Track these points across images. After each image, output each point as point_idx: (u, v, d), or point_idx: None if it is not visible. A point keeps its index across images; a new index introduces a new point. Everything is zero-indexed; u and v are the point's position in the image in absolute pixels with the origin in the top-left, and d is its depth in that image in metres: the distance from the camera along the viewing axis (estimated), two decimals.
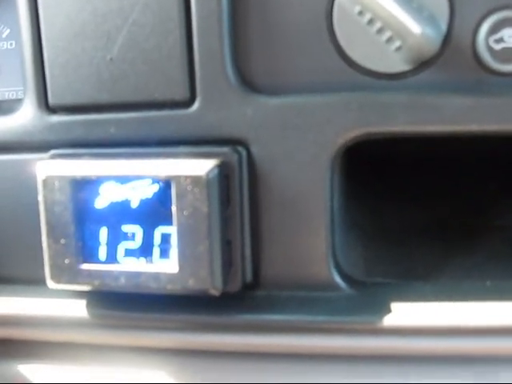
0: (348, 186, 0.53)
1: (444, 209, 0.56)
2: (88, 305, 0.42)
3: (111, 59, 0.40)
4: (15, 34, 0.52)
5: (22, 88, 0.52)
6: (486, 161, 0.57)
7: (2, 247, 0.44)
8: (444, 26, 0.39)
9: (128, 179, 0.38)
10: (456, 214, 0.55)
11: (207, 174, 0.37)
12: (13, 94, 0.53)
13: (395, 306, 0.40)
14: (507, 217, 0.55)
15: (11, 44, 0.53)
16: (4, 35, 0.54)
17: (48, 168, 0.39)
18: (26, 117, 0.42)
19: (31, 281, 0.43)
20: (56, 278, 0.40)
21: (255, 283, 0.41)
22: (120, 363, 0.43)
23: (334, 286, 0.40)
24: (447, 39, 0.39)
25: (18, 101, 0.45)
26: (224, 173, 0.39)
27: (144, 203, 0.39)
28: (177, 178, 0.37)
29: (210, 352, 0.42)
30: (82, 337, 0.42)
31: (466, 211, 0.55)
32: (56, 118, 0.42)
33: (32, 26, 0.41)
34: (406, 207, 0.55)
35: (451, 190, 0.57)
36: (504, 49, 0.38)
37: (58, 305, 0.42)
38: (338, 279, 0.40)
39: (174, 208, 0.37)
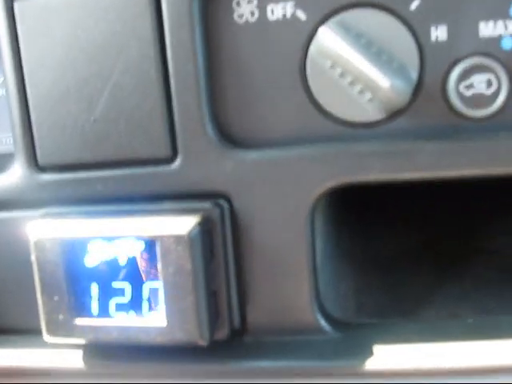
0: (338, 215, 0.54)
1: (433, 233, 0.57)
2: (83, 355, 0.43)
3: (94, 120, 0.42)
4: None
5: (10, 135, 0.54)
6: (474, 184, 0.58)
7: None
8: (414, 75, 0.40)
9: (114, 238, 0.40)
10: (445, 238, 0.56)
11: (189, 232, 0.38)
12: (9, 141, 0.55)
13: (379, 349, 0.41)
14: (495, 240, 0.56)
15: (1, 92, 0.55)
16: None
17: (38, 229, 0.41)
18: (16, 176, 0.44)
19: (29, 331, 0.45)
20: (52, 332, 0.42)
21: (243, 330, 0.43)
22: None
23: (320, 330, 0.42)
24: (418, 88, 0.40)
25: (9, 156, 0.47)
26: (206, 228, 0.40)
27: (131, 260, 0.40)
28: (160, 238, 0.39)
29: None
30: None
31: (455, 235, 0.56)
32: (46, 177, 0.43)
33: (18, 89, 0.43)
34: (396, 233, 0.56)
35: (440, 214, 0.58)
36: (474, 95, 0.39)
37: (54, 356, 0.44)
38: (323, 323, 0.42)
39: (159, 265, 0.39)
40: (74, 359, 0.44)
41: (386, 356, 0.41)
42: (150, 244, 0.39)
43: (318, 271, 0.42)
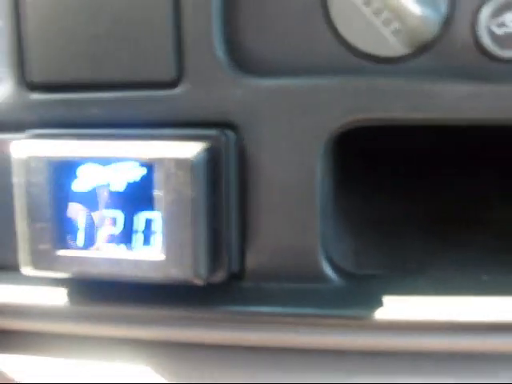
0: (338, 175, 0.52)
1: (437, 201, 0.54)
2: (66, 293, 0.40)
3: (95, 36, 0.38)
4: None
5: None
6: (480, 153, 0.56)
7: None
8: (444, 9, 0.37)
9: (109, 161, 0.36)
10: (449, 207, 0.54)
11: (194, 157, 0.35)
12: None
13: (386, 300, 0.38)
14: (500, 209, 0.53)
15: None
16: None
17: (25, 148, 0.37)
18: (3, 94, 0.40)
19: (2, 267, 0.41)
20: (31, 263, 0.38)
21: (242, 274, 0.39)
22: (98, 355, 0.41)
23: (325, 278, 0.39)
24: (447, 22, 0.37)
25: None
26: (211, 157, 0.37)
27: (126, 187, 0.37)
28: (161, 161, 0.35)
29: (193, 344, 0.40)
30: (59, 327, 0.40)
31: (458, 204, 0.54)
32: (35, 96, 0.40)
33: None
34: (397, 199, 0.54)
35: (444, 183, 0.56)
36: (506, 34, 0.37)
37: (32, 292, 0.40)
38: (328, 271, 0.39)
39: (157, 192, 0.35)
40: (54, 297, 0.40)
41: (393, 307, 0.38)
42: (149, 169, 0.36)
43: (326, 215, 0.39)
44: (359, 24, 0.37)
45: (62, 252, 0.37)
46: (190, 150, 0.35)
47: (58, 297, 0.40)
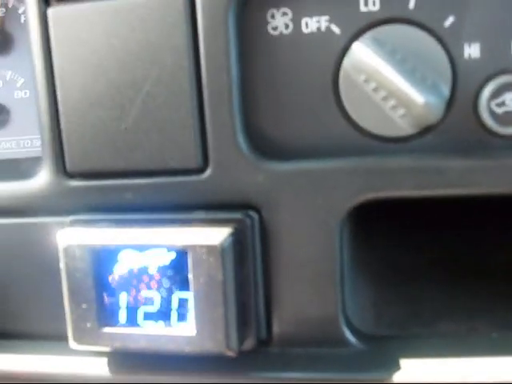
0: (357, 229, 0.54)
1: (449, 246, 0.57)
2: (109, 363, 0.44)
3: (126, 129, 0.42)
4: (29, 84, 0.54)
5: (37, 136, 0.54)
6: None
7: (25, 305, 0.46)
8: (447, 92, 0.40)
9: (145, 247, 0.40)
10: (462, 252, 0.56)
11: (222, 243, 0.39)
12: (28, 143, 0.55)
13: (405, 362, 0.41)
14: None
15: (25, 93, 0.55)
16: (18, 84, 0.55)
17: (68, 236, 0.41)
18: (44, 181, 0.44)
19: (55, 338, 0.45)
20: (78, 339, 0.42)
21: (269, 340, 0.43)
22: None
23: (345, 343, 0.42)
24: (450, 104, 0.40)
25: (36, 159, 0.47)
26: (237, 239, 0.40)
27: (161, 270, 0.40)
28: (192, 248, 0.39)
29: None
30: None
31: (472, 248, 0.56)
32: (74, 183, 0.43)
33: (49, 96, 0.43)
34: (412, 248, 0.57)
35: (457, 230, 0.58)
36: (506, 112, 0.40)
37: (80, 363, 0.44)
38: (348, 336, 0.42)
39: (190, 275, 0.39)
40: (99, 367, 0.44)
41: (411, 369, 0.41)
42: (181, 254, 0.39)
43: (344, 284, 0.42)
44: (369, 108, 0.40)
45: (105, 329, 0.41)
46: (217, 236, 0.39)
47: (101, 366, 0.44)
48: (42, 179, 0.44)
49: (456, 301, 0.51)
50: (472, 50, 0.40)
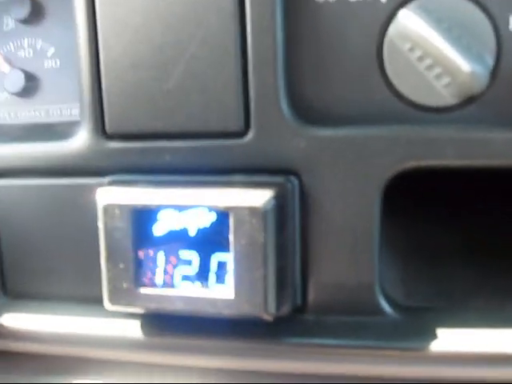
0: (388, 200, 0.54)
1: (481, 230, 0.57)
2: (142, 326, 0.43)
3: (167, 90, 0.42)
4: (60, 53, 0.54)
5: (66, 105, 0.54)
6: None
7: (61, 265, 0.46)
8: (491, 63, 0.40)
9: (186, 208, 0.40)
10: (493, 233, 0.56)
11: (264, 205, 0.39)
12: (57, 112, 0.55)
13: (439, 332, 0.41)
14: None
15: (56, 62, 0.55)
16: (49, 54, 0.55)
17: (107, 196, 0.41)
18: (83, 142, 0.44)
19: (87, 300, 0.45)
20: (114, 300, 0.41)
21: (304, 307, 0.43)
22: (171, 381, 0.45)
23: (381, 312, 0.42)
24: (494, 75, 0.40)
25: (72, 123, 0.47)
26: (279, 203, 0.40)
27: (201, 231, 0.40)
28: (235, 209, 0.39)
29: (259, 373, 0.43)
30: (137, 356, 0.44)
31: (502, 230, 0.56)
32: (113, 145, 0.43)
33: (91, 55, 0.43)
34: (442, 226, 0.57)
35: (486, 209, 0.58)
36: None
37: (113, 325, 0.44)
38: (384, 305, 0.42)
39: (231, 237, 0.39)
40: (134, 329, 0.43)
41: (447, 339, 0.41)
42: (222, 215, 0.39)
43: (382, 253, 0.42)
44: (412, 77, 0.40)
45: (141, 290, 0.41)
46: (260, 198, 0.39)
47: (136, 329, 0.44)
48: (81, 140, 0.44)
49: (486, 281, 0.51)
50: None
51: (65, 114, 0.54)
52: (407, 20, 0.39)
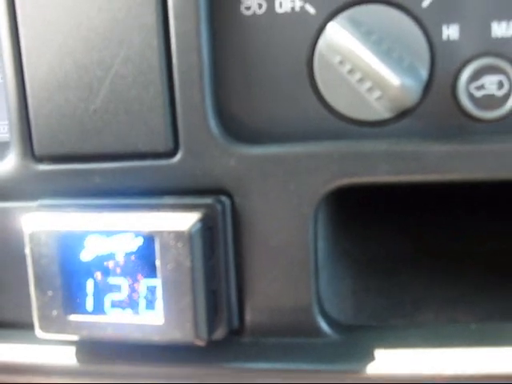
0: (336, 216, 0.53)
1: (431, 235, 0.56)
2: (76, 352, 0.42)
3: (94, 110, 0.40)
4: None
5: (4, 122, 0.53)
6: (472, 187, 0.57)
7: None
8: (425, 74, 0.39)
9: (113, 233, 0.39)
10: (444, 241, 0.55)
11: (190, 228, 0.37)
12: (3, 128, 0.54)
13: (379, 353, 0.40)
14: (494, 243, 0.55)
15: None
16: None
17: (34, 222, 0.40)
18: (12, 165, 0.43)
19: (21, 326, 0.44)
20: (45, 328, 0.40)
21: (241, 330, 0.42)
22: None
23: (320, 333, 0.41)
24: (428, 87, 0.39)
25: (4, 145, 0.46)
26: (207, 225, 0.39)
27: (129, 256, 0.39)
28: (160, 233, 0.37)
29: None
30: (71, 382, 0.43)
31: (453, 237, 0.55)
32: (42, 167, 0.42)
33: (16, 77, 0.41)
34: (393, 235, 0.56)
35: (438, 217, 0.57)
36: (485, 96, 0.38)
37: (46, 352, 0.43)
38: (323, 325, 0.41)
39: (158, 262, 0.38)
40: (66, 356, 0.42)
41: (386, 360, 0.40)
42: (149, 240, 0.38)
43: (319, 272, 0.41)
44: (344, 91, 0.39)
45: (71, 317, 0.40)
46: (187, 221, 0.38)
47: (68, 356, 0.43)
48: (10, 163, 0.43)
49: (437, 290, 0.50)
50: (451, 32, 0.39)
51: (2, 132, 0.53)
52: (336, 33, 0.38)
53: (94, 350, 0.42)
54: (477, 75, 0.38)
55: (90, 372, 0.42)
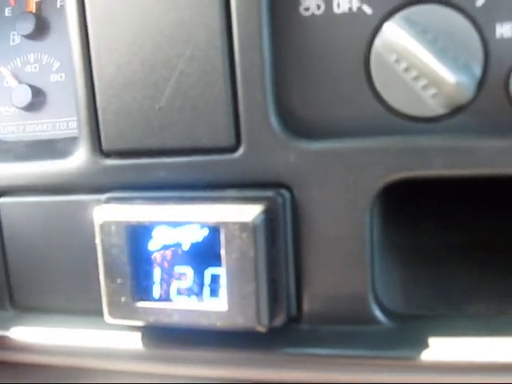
0: (386, 208, 0.55)
1: (481, 229, 0.57)
2: (142, 338, 0.45)
3: (159, 108, 0.43)
4: (65, 67, 0.55)
5: (72, 118, 0.56)
6: None
7: (62, 280, 0.47)
8: (478, 72, 0.40)
9: (179, 224, 0.41)
10: (493, 234, 0.56)
11: (254, 219, 0.39)
12: (63, 125, 0.56)
13: (433, 341, 0.41)
14: None
15: (61, 76, 0.56)
16: (54, 68, 0.57)
17: (104, 213, 0.42)
18: (81, 160, 0.45)
19: (89, 313, 0.47)
20: (113, 314, 0.43)
21: (299, 317, 0.43)
22: None
23: (374, 320, 0.43)
24: (482, 84, 0.40)
25: (72, 140, 0.48)
26: (269, 216, 0.41)
27: (194, 246, 0.41)
28: (225, 224, 0.39)
29: (255, 382, 0.44)
30: (137, 366, 0.45)
31: (503, 231, 0.56)
32: (109, 162, 0.44)
33: (85, 76, 0.44)
34: (443, 229, 0.57)
35: (489, 212, 0.58)
36: None
37: (114, 337, 0.45)
38: (378, 314, 0.43)
39: (222, 251, 0.40)
40: (133, 341, 0.45)
41: (439, 348, 0.41)
42: (214, 230, 0.40)
43: (375, 261, 0.43)
44: (400, 88, 0.41)
45: (139, 304, 0.42)
46: (250, 213, 0.40)
47: (135, 341, 0.45)
48: (79, 158, 0.45)
49: (486, 283, 0.51)
50: (504, 30, 0.40)
51: (71, 127, 0.56)
52: (392, 32, 0.40)
53: (160, 335, 0.44)
54: None
55: (155, 356, 0.45)
